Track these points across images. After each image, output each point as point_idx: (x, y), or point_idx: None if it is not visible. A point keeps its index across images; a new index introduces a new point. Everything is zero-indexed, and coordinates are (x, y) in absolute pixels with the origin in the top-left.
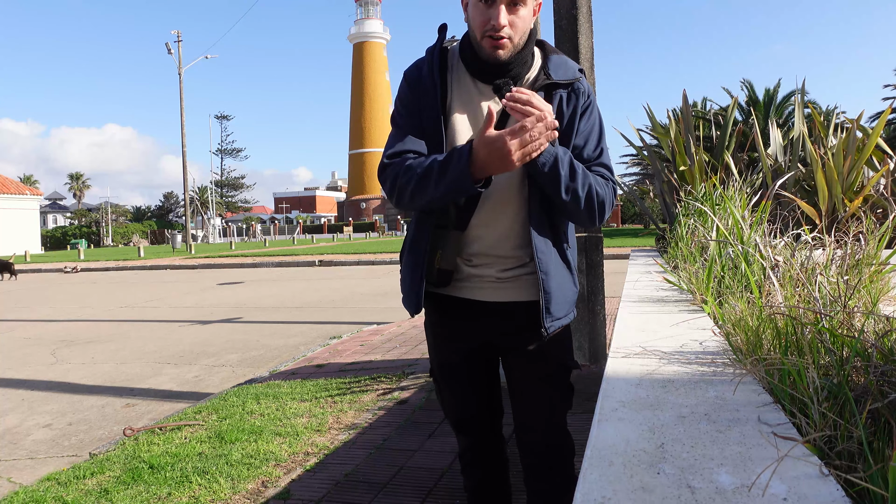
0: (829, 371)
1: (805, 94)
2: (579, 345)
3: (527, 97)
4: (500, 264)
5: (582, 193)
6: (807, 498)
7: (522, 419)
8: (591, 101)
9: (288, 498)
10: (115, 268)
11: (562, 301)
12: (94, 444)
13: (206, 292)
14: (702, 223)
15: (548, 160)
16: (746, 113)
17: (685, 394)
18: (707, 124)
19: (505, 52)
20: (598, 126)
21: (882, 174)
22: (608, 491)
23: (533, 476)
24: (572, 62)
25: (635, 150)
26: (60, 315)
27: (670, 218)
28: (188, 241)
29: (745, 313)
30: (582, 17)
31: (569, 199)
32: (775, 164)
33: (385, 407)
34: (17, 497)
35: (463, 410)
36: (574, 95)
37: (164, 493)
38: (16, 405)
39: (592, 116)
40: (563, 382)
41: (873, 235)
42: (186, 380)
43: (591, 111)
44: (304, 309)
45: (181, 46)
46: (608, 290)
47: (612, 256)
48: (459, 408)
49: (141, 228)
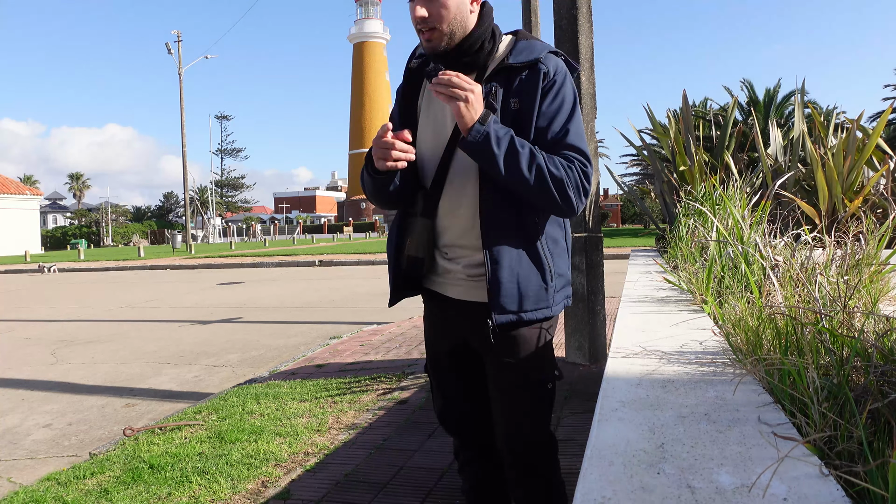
0: (829, 371)
1: (805, 94)
2: (579, 345)
3: (447, 78)
4: (469, 258)
5: (529, 174)
6: (807, 498)
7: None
8: (557, 80)
9: (288, 498)
10: (115, 268)
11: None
12: (94, 444)
13: (206, 292)
14: (702, 223)
15: (476, 138)
16: (747, 113)
17: (685, 394)
18: (707, 124)
19: (435, 43)
20: (567, 107)
21: (882, 174)
22: (608, 491)
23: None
24: (542, 45)
25: (635, 149)
26: (60, 315)
27: (670, 218)
28: (188, 241)
29: (745, 313)
30: (582, 17)
31: (513, 180)
32: (775, 164)
33: (385, 407)
34: (17, 497)
35: (447, 407)
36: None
37: (164, 493)
38: (16, 405)
39: (559, 97)
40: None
41: (873, 235)
42: (186, 380)
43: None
44: (304, 309)
45: (181, 46)
46: (608, 290)
47: (612, 256)
48: (444, 404)
49: (141, 228)
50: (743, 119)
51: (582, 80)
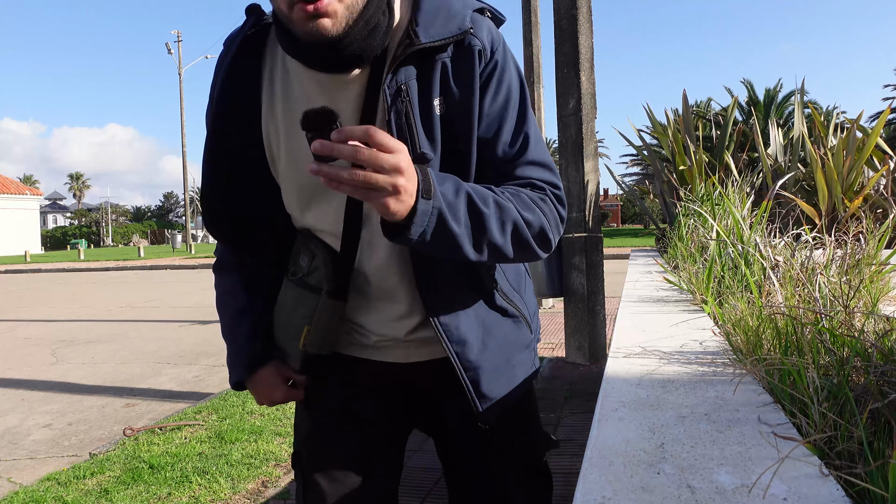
0: (829, 371)
1: (805, 94)
2: (579, 345)
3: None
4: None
5: (503, 238)
6: (807, 498)
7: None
8: (497, 61)
9: (288, 498)
10: (115, 268)
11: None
12: (94, 444)
13: (206, 292)
14: (702, 223)
15: (422, 228)
16: (747, 113)
17: (685, 394)
18: (707, 124)
19: (333, 22)
20: (515, 101)
21: (882, 174)
22: (608, 491)
23: None
24: (460, 3)
25: (635, 149)
26: (60, 315)
27: (670, 218)
28: (188, 241)
29: (744, 313)
30: (582, 16)
31: (487, 256)
32: (775, 164)
33: None
34: (17, 497)
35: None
36: (465, 57)
37: (164, 493)
38: (16, 405)
39: (503, 87)
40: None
41: (873, 235)
42: (186, 380)
43: (499, 79)
44: None
45: (181, 46)
46: (608, 290)
47: (612, 256)
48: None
49: (141, 228)
50: (743, 119)
51: (582, 80)
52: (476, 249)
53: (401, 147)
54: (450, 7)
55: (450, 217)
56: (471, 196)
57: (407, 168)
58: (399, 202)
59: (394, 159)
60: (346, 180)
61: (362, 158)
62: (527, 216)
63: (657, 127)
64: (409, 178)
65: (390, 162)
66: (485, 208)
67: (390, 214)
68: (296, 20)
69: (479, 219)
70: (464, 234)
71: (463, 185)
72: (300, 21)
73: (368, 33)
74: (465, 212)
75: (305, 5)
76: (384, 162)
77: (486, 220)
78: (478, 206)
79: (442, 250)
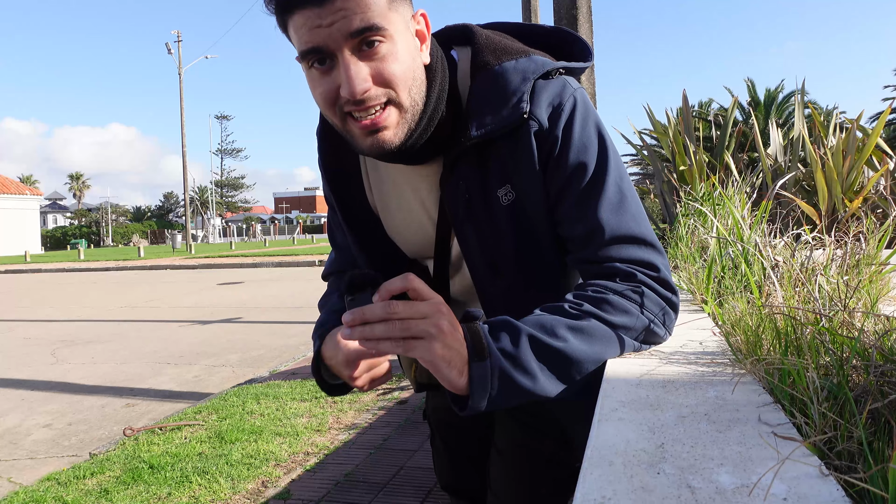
0: (828, 371)
1: (805, 94)
2: None
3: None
4: None
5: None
6: (807, 498)
7: None
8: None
9: (288, 498)
10: (115, 268)
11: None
12: (94, 444)
13: (206, 292)
14: (702, 223)
15: (489, 391)
16: (747, 113)
17: (685, 394)
18: (707, 125)
19: (395, 132)
20: (587, 172)
21: (882, 174)
22: (608, 491)
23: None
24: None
25: (635, 149)
26: (60, 315)
27: (670, 218)
28: (188, 241)
29: (744, 313)
30: (582, 17)
31: (568, 394)
32: (775, 164)
33: (385, 407)
34: (17, 497)
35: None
36: (523, 139)
37: (164, 493)
38: (16, 405)
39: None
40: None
41: (873, 235)
42: (186, 380)
43: (563, 155)
44: (304, 309)
45: (181, 46)
46: None
47: None
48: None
49: (141, 228)
50: (743, 119)
51: (582, 80)
52: (567, 384)
53: (437, 297)
54: (506, 85)
55: (514, 371)
56: (534, 336)
57: (448, 313)
58: (444, 347)
59: (430, 306)
60: (382, 334)
61: (396, 311)
62: (619, 321)
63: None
64: (451, 322)
65: (424, 309)
66: (556, 343)
67: (437, 369)
68: (355, 136)
69: (553, 357)
70: (542, 379)
71: (522, 326)
72: (359, 137)
73: (436, 128)
74: (532, 358)
75: (359, 122)
76: (420, 309)
77: (563, 354)
78: (547, 344)
79: (511, 403)
